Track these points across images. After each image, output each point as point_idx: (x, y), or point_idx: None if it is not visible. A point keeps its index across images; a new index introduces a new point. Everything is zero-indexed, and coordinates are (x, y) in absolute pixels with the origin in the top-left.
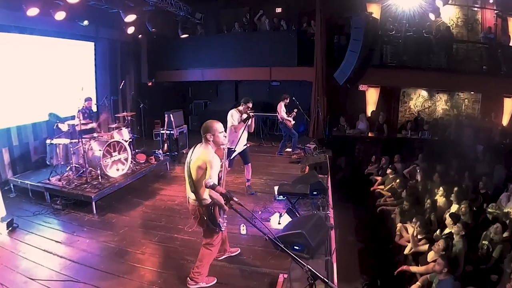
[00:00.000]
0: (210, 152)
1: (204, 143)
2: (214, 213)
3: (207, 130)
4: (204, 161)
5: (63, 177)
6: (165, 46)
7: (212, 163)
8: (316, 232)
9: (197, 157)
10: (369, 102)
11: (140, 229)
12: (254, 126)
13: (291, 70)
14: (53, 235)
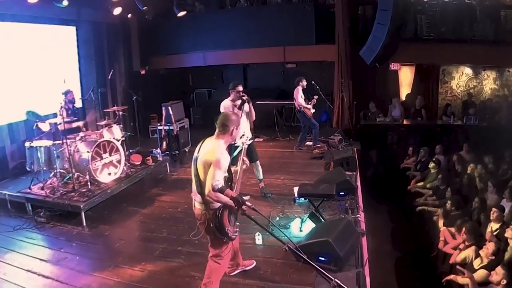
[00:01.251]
0: (220, 148)
1: (216, 136)
2: (221, 219)
3: (228, 121)
4: (211, 158)
5: (46, 185)
6: (160, 27)
7: (219, 161)
8: (345, 239)
9: (206, 151)
10: (402, 84)
11: (138, 243)
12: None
13: (308, 49)
14: (37, 252)
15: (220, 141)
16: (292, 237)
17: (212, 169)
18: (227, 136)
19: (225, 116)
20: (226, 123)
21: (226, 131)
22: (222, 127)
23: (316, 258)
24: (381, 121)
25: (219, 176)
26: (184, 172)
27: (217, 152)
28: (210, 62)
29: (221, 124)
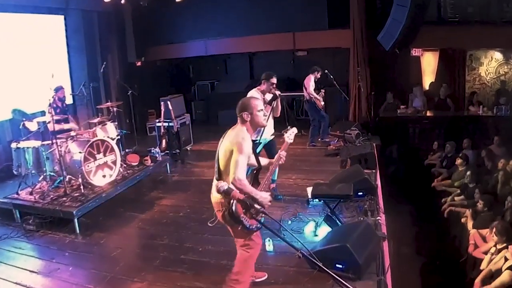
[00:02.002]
0: (242, 133)
1: (239, 125)
2: (237, 206)
3: (243, 108)
4: (232, 143)
5: (36, 189)
6: (156, 14)
7: (241, 146)
8: (364, 244)
9: (227, 137)
10: (426, 71)
11: (137, 251)
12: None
13: (320, 35)
14: (27, 263)
15: (243, 128)
16: (305, 242)
17: (235, 155)
18: (249, 122)
19: (243, 100)
20: (245, 107)
21: (243, 119)
22: (240, 113)
23: (333, 265)
24: (402, 113)
25: (242, 163)
26: (186, 173)
27: (238, 137)
28: (212, 51)
29: (239, 110)
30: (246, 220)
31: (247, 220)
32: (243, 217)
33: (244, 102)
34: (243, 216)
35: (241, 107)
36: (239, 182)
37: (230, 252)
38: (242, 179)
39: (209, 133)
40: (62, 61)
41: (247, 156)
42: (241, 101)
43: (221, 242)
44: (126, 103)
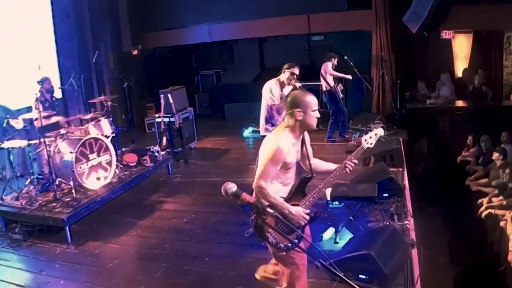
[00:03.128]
0: (280, 138)
1: (283, 124)
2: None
3: (296, 103)
4: (265, 147)
5: (22, 194)
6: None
7: (274, 153)
8: (390, 252)
9: (268, 138)
10: (458, 56)
11: (136, 261)
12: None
13: (338, 17)
14: (14, 276)
15: (285, 130)
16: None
17: (264, 159)
18: (299, 122)
19: (296, 95)
20: (297, 103)
21: (292, 117)
22: (291, 109)
23: (356, 276)
24: (432, 103)
25: (268, 170)
26: (190, 174)
27: (274, 141)
28: (217, 37)
29: (290, 105)
30: (274, 236)
31: (276, 236)
32: (271, 233)
33: (298, 97)
34: (270, 231)
35: (293, 102)
36: (260, 190)
37: (239, 262)
38: (264, 187)
39: (215, 129)
40: (49, 50)
41: (277, 165)
42: (293, 96)
43: (230, 251)
44: (121, 97)
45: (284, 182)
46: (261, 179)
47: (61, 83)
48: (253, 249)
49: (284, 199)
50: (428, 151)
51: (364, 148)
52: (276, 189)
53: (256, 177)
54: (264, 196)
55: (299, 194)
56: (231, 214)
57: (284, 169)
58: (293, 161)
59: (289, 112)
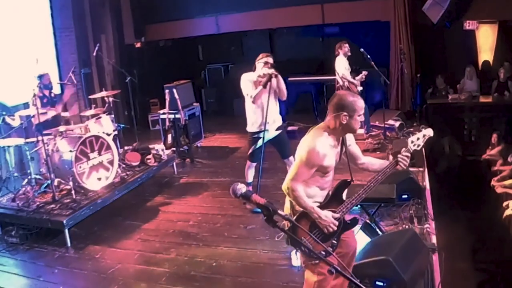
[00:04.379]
0: (318, 139)
1: (324, 125)
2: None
3: (343, 106)
4: (301, 148)
5: (19, 195)
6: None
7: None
8: (410, 258)
9: (305, 139)
10: (482, 48)
11: (139, 266)
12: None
13: (354, 7)
14: (10, 282)
15: (324, 132)
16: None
17: (298, 160)
18: (337, 126)
19: (344, 97)
20: (344, 106)
21: (337, 118)
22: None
23: (373, 283)
24: (455, 98)
25: (302, 172)
26: (196, 174)
27: (311, 143)
28: (225, 29)
29: (336, 107)
30: (308, 244)
31: (309, 244)
32: (304, 240)
33: (346, 100)
34: (303, 239)
35: (340, 105)
36: (291, 192)
37: (248, 268)
38: (295, 189)
39: (223, 126)
40: (47, 43)
41: (312, 168)
42: (340, 97)
43: (238, 256)
44: (124, 92)
45: (322, 186)
46: (293, 181)
47: (60, 78)
48: (262, 253)
49: (320, 204)
50: (450, 150)
51: (410, 151)
52: (313, 193)
53: (288, 178)
54: (294, 199)
55: (336, 199)
56: (239, 216)
57: (321, 172)
58: (331, 165)
59: (334, 115)
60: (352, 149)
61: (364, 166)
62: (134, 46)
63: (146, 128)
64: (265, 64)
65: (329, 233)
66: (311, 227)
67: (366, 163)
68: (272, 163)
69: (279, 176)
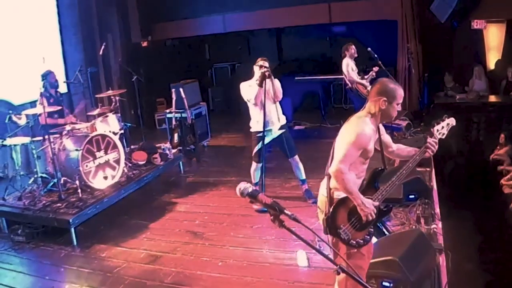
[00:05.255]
0: (363, 124)
1: (364, 112)
2: (335, 213)
3: (384, 91)
4: (347, 132)
5: (25, 194)
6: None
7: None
8: (416, 258)
9: (346, 127)
10: (490, 47)
11: (145, 266)
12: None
13: (362, 6)
14: (16, 281)
15: (366, 118)
16: None
17: (346, 143)
18: (376, 111)
19: (387, 83)
20: (385, 92)
21: (383, 103)
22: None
23: (379, 283)
24: (462, 98)
25: (351, 154)
26: (203, 173)
27: (358, 127)
28: (232, 28)
29: (377, 92)
30: (346, 232)
31: (348, 232)
32: (343, 228)
33: (388, 86)
34: (342, 227)
35: (381, 90)
36: (340, 174)
37: (255, 267)
38: (344, 172)
39: (230, 125)
40: (53, 42)
41: (359, 150)
42: (383, 83)
43: (245, 255)
44: (130, 91)
45: (359, 174)
46: (342, 163)
47: (66, 77)
48: (269, 253)
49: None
50: (458, 150)
51: (436, 138)
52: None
53: (336, 160)
54: (342, 182)
55: (371, 187)
56: (246, 216)
57: (363, 158)
58: (372, 151)
59: (374, 99)
60: (385, 137)
61: (394, 154)
62: (141, 45)
63: (153, 127)
64: (260, 67)
65: (367, 222)
66: (349, 215)
67: (395, 150)
68: (278, 163)
69: (285, 176)
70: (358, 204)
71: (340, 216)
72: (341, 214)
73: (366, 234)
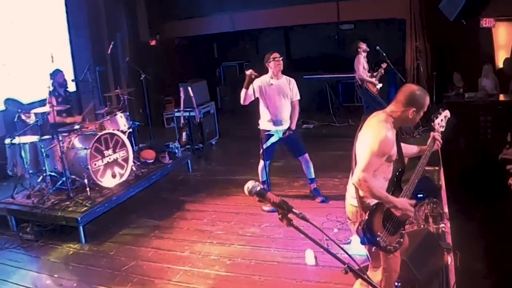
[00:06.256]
0: (385, 127)
1: (387, 114)
2: (371, 221)
3: (413, 101)
4: (368, 137)
5: (34, 192)
6: None
7: (380, 143)
8: (425, 258)
9: (366, 128)
10: (499, 46)
11: (153, 264)
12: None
13: (370, 4)
14: (24, 279)
15: (388, 120)
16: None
17: (367, 150)
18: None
19: (418, 93)
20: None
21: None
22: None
23: None
24: (471, 97)
25: (373, 162)
26: (211, 172)
27: (380, 131)
28: (240, 27)
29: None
30: (384, 239)
31: (385, 239)
32: (380, 235)
33: (418, 96)
34: (379, 234)
35: (410, 99)
36: (363, 183)
37: (262, 266)
38: (368, 180)
39: (238, 124)
40: (62, 41)
41: (383, 157)
42: (413, 92)
43: (252, 254)
44: (138, 90)
45: (387, 176)
46: (365, 171)
47: (75, 75)
48: (276, 252)
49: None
50: (467, 149)
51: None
52: (380, 185)
53: (358, 169)
54: (368, 190)
55: (396, 187)
56: (253, 215)
57: (388, 162)
58: (396, 153)
59: (402, 109)
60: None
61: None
62: (149, 44)
63: (161, 126)
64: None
65: (400, 223)
66: (384, 220)
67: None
68: (286, 162)
69: (293, 174)
70: (392, 206)
71: (376, 223)
72: (377, 221)
73: (399, 237)
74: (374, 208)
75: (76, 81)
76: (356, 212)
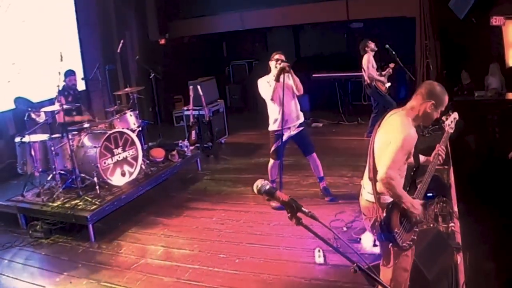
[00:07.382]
0: (408, 125)
1: (405, 111)
2: (390, 218)
3: (432, 95)
4: (393, 134)
5: (44, 190)
6: None
7: (404, 140)
8: (434, 257)
9: (388, 126)
10: (509, 44)
11: (161, 262)
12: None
13: (379, 2)
14: (33, 276)
15: (408, 117)
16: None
17: (393, 147)
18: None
19: (438, 88)
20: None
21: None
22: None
23: None
24: (481, 96)
25: (399, 159)
26: (220, 170)
27: (404, 128)
28: (249, 25)
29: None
30: (400, 236)
31: (401, 236)
32: (397, 232)
33: (438, 91)
34: (397, 231)
35: (431, 93)
36: (390, 181)
37: (271, 264)
38: (394, 178)
39: (247, 123)
40: (71, 39)
41: (406, 154)
42: (433, 86)
43: (261, 253)
44: (148, 88)
45: (402, 174)
46: (391, 169)
47: (84, 74)
48: (285, 250)
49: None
50: (476, 147)
51: (449, 133)
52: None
53: (384, 167)
54: (393, 188)
55: (412, 186)
56: (263, 213)
57: (406, 159)
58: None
59: (421, 102)
60: None
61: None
62: (159, 42)
63: (170, 125)
64: (276, 61)
65: (416, 222)
66: (401, 217)
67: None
68: (296, 160)
69: (302, 173)
70: (408, 207)
71: (394, 220)
72: (395, 218)
73: (413, 235)
74: (392, 204)
75: (86, 79)
76: (372, 209)
